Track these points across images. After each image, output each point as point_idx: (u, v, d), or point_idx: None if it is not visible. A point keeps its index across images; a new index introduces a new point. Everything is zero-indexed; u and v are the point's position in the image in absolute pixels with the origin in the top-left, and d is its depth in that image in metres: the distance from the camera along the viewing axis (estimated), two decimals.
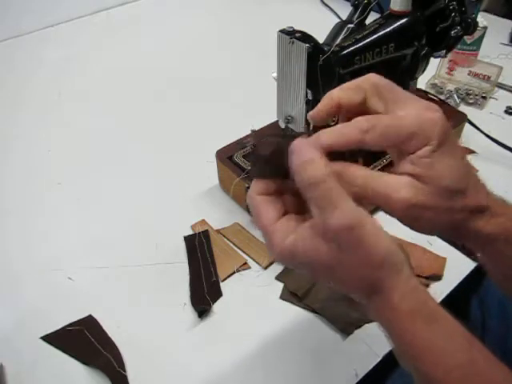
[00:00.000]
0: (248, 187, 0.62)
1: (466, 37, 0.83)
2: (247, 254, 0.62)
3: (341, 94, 0.35)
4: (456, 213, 0.34)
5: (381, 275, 0.30)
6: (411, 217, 0.34)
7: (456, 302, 0.48)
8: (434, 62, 0.75)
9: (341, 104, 0.35)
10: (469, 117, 0.75)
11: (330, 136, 0.32)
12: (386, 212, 0.35)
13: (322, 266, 0.31)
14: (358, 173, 0.33)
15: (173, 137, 0.83)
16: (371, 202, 0.34)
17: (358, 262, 0.30)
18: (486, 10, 1.18)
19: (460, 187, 0.34)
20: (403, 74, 0.66)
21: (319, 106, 0.36)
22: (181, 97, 0.94)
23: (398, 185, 0.33)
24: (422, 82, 0.89)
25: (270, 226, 0.32)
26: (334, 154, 0.32)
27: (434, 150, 0.32)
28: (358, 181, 0.32)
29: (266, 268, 0.60)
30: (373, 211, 0.66)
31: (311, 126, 0.55)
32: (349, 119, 0.33)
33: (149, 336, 0.53)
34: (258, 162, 0.33)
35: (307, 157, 0.30)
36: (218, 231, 0.65)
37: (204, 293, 0.57)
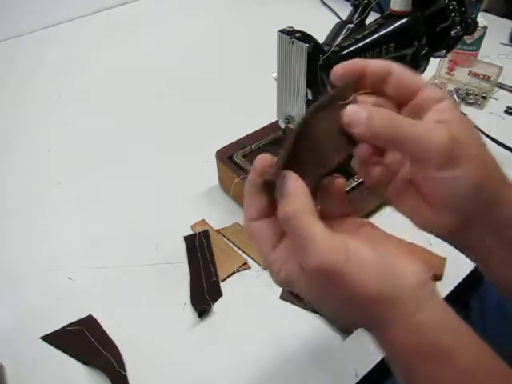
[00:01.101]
0: None
1: (466, 37, 0.83)
2: (247, 254, 0.62)
3: (370, 61, 0.33)
4: (492, 164, 0.32)
5: (374, 311, 0.29)
6: (449, 158, 0.30)
7: (456, 302, 0.48)
8: (434, 62, 0.75)
9: (366, 70, 0.33)
10: (469, 117, 0.75)
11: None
12: (422, 161, 0.31)
13: (314, 299, 0.31)
14: (396, 118, 0.30)
15: (173, 137, 0.83)
16: (404, 149, 0.31)
17: (346, 300, 0.29)
18: (486, 10, 1.18)
19: (481, 148, 0.32)
20: None
21: (347, 62, 0.33)
22: (181, 97, 0.94)
23: (432, 125, 0.30)
24: None
25: (268, 256, 0.32)
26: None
27: (451, 108, 0.31)
28: (387, 131, 0.30)
29: (265, 268, 0.60)
30: (380, 206, 0.66)
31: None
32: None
33: (149, 336, 0.53)
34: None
35: (285, 190, 0.29)
36: (218, 231, 0.65)
37: (204, 293, 0.57)
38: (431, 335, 0.28)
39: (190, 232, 0.65)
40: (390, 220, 0.66)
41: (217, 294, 0.57)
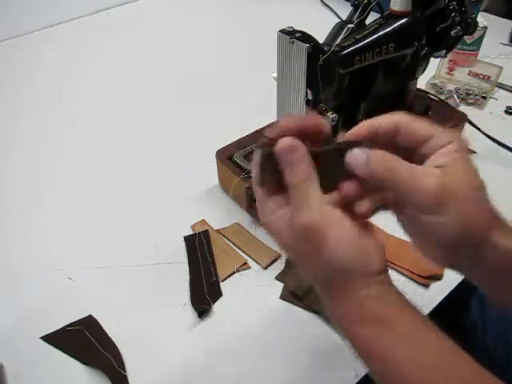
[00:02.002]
0: (248, 187, 0.62)
1: (466, 37, 0.83)
2: (247, 254, 0.62)
3: (379, 122, 0.36)
4: (481, 210, 0.33)
5: (336, 278, 0.33)
6: (435, 205, 0.32)
7: (456, 302, 0.48)
8: (434, 62, 0.75)
9: (379, 128, 0.36)
10: (469, 117, 0.75)
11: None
12: (410, 204, 0.34)
13: (290, 252, 0.35)
14: (394, 164, 0.33)
15: (173, 137, 0.83)
16: (396, 191, 0.34)
17: (314, 260, 0.33)
18: (486, 10, 1.18)
19: (483, 186, 0.33)
20: (403, 74, 0.66)
21: (356, 129, 0.37)
22: (181, 97, 0.94)
23: (425, 171, 0.33)
24: (422, 82, 0.89)
25: (261, 200, 0.35)
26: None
27: (456, 150, 0.34)
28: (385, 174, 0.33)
29: (265, 268, 0.60)
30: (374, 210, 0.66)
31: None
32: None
33: (149, 336, 0.53)
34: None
35: (293, 159, 0.33)
36: (218, 231, 0.65)
37: (204, 293, 0.57)
38: (373, 307, 0.32)
39: (190, 232, 0.65)
40: (390, 220, 0.67)
41: (217, 293, 0.57)
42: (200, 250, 0.61)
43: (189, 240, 0.63)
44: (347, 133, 0.37)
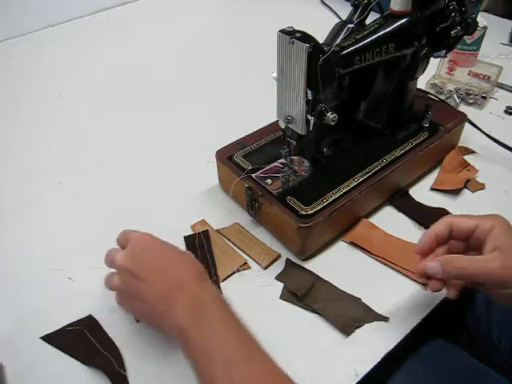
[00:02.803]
0: (248, 187, 0.62)
1: (466, 37, 0.83)
2: (247, 254, 0.62)
3: (435, 233, 0.49)
4: None
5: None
6: (501, 283, 0.44)
7: (461, 297, 0.48)
8: (434, 62, 0.75)
9: (438, 235, 0.49)
10: (469, 117, 0.75)
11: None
12: (485, 284, 0.45)
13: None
14: (459, 259, 0.46)
15: (173, 137, 0.83)
16: (472, 281, 0.47)
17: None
18: (486, 10, 1.18)
19: None
20: (403, 74, 0.66)
21: (426, 240, 0.50)
22: (180, 97, 0.94)
23: (486, 258, 0.45)
24: (422, 82, 0.89)
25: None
26: None
27: (501, 229, 0.45)
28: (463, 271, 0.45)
29: (266, 268, 0.60)
30: (380, 206, 0.66)
31: (310, 126, 0.55)
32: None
33: (149, 336, 0.53)
34: None
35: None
36: (218, 231, 0.65)
37: None
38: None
39: (190, 232, 0.65)
40: (390, 220, 0.67)
41: None
42: (200, 249, 0.61)
43: (189, 240, 0.63)
44: (418, 249, 0.50)
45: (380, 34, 0.59)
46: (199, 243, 0.62)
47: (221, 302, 0.45)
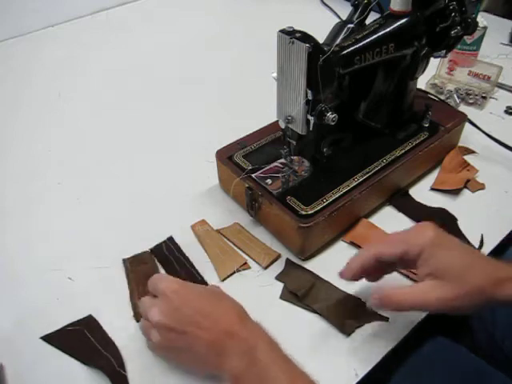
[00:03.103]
0: (248, 187, 0.62)
1: (466, 37, 0.83)
2: (247, 254, 0.62)
3: (360, 260, 0.50)
4: (478, 291, 0.43)
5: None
6: (447, 308, 0.44)
7: None
8: (434, 62, 0.75)
9: (363, 267, 0.50)
10: (469, 117, 0.75)
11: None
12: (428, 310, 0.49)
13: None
14: (397, 296, 0.46)
15: (173, 137, 0.83)
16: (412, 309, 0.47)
17: None
18: (486, 10, 1.18)
19: (464, 272, 0.44)
20: (403, 74, 0.66)
21: (350, 269, 0.51)
22: (181, 96, 0.94)
23: (426, 288, 0.45)
24: (422, 82, 0.89)
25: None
26: None
27: (430, 251, 0.44)
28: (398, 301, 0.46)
29: (266, 268, 0.60)
30: (380, 206, 0.66)
31: (310, 126, 0.55)
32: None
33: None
34: None
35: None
36: (218, 231, 0.65)
37: None
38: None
39: (190, 232, 0.65)
40: (390, 220, 0.67)
41: None
42: (172, 256, 0.61)
43: (157, 251, 0.62)
44: (342, 275, 0.51)
45: (380, 33, 0.59)
46: (168, 251, 0.62)
47: (269, 342, 0.45)
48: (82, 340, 0.52)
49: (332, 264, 0.60)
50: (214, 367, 0.45)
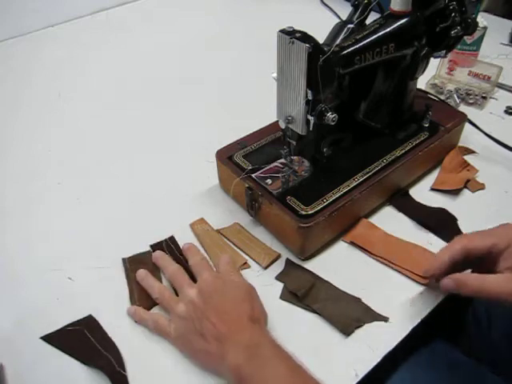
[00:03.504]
0: (248, 187, 0.62)
1: (466, 37, 0.83)
2: (247, 254, 0.62)
3: (451, 250, 0.49)
4: None
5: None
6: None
7: (459, 299, 0.48)
8: (434, 62, 0.75)
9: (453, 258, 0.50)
10: (469, 117, 0.75)
11: None
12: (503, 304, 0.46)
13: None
14: (472, 281, 0.47)
15: (173, 136, 0.83)
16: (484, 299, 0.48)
17: None
18: (486, 10, 1.18)
19: None
20: (403, 74, 0.66)
21: (437, 265, 0.50)
22: (181, 96, 0.94)
23: (501, 279, 0.45)
24: (422, 82, 0.89)
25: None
26: None
27: None
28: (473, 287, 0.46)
29: (265, 268, 0.60)
30: (380, 206, 0.66)
31: (310, 126, 0.55)
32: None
33: (149, 336, 0.53)
34: None
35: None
36: (218, 231, 0.65)
37: None
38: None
39: (190, 232, 0.65)
40: (390, 220, 0.67)
41: None
42: (171, 255, 0.61)
43: (156, 248, 0.62)
44: (428, 273, 0.52)
45: (380, 34, 0.59)
46: (168, 249, 0.62)
47: (273, 342, 0.47)
48: (82, 340, 0.52)
49: (332, 264, 0.60)
50: (217, 357, 0.47)
